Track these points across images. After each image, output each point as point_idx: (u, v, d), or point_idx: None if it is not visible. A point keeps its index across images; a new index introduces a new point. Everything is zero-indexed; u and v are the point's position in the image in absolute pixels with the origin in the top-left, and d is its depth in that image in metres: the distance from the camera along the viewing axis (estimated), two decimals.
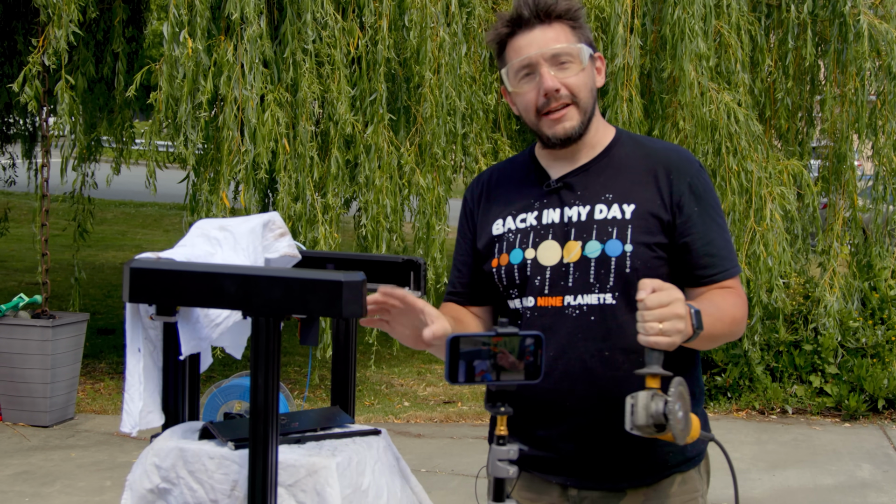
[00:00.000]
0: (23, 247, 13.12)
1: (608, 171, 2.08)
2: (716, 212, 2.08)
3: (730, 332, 2.00)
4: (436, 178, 6.37)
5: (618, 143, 2.13)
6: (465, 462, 5.82)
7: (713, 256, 2.03)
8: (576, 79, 2.04)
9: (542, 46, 2.03)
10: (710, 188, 2.10)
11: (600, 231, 2.02)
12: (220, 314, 1.80)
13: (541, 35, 2.04)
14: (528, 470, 2.11)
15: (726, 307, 1.99)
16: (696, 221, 2.03)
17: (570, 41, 2.05)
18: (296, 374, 7.75)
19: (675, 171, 2.06)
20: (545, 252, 2.06)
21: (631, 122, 6.49)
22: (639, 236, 2.00)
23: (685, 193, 2.04)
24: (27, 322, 6.23)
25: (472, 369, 1.60)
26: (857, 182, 7.55)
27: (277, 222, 1.98)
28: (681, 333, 1.77)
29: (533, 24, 2.05)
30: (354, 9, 6.24)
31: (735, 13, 6.83)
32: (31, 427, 6.29)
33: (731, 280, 2.05)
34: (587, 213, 2.04)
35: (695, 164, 2.11)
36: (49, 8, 5.59)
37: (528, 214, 2.11)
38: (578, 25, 2.08)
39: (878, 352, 7.11)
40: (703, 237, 2.03)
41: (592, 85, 2.09)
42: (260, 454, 1.63)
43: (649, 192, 2.04)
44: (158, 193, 6.05)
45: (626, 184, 2.06)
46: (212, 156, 6.09)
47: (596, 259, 2.00)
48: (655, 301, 1.76)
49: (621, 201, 2.03)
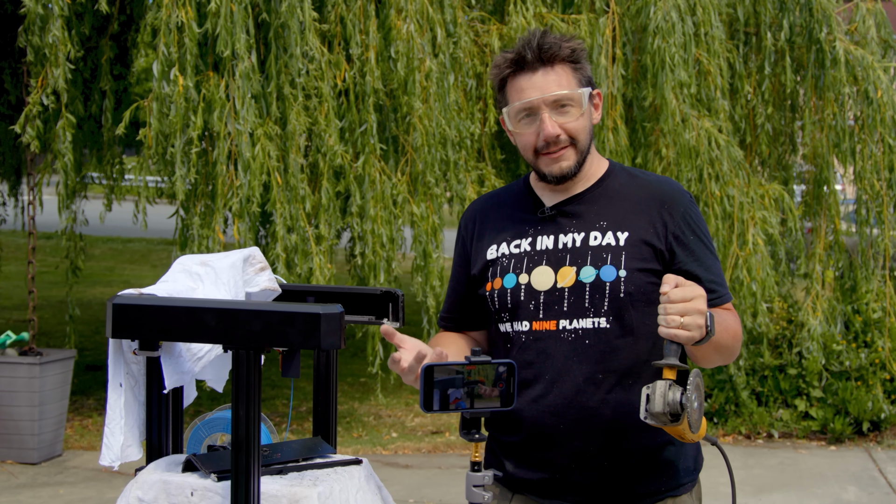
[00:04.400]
0: (10, 284, 13.09)
1: (602, 201, 2.15)
2: (709, 240, 2.16)
3: (731, 346, 2.06)
4: (429, 207, 6.42)
5: (611, 174, 2.19)
6: (454, 492, 5.83)
7: (712, 282, 2.09)
8: (575, 123, 2.09)
9: (543, 91, 2.07)
10: (701, 218, 2.18)
11: (595, 257, 2.07)
12: (202, 348, 1.84)
13: (542, 79, 2.08)
14: (522, 492, 2.15)
15: (730, 322, 2.06)
16: (694, 250, 2.11)
17: (571, 85, 2.09)
18: (283, 407, 7.75)
19: (670, 203, 2.12)
20: (539, 277, 2.10)
21: (617, 150, 6.56)
22: (632, 262, 2.06)
23: (680, 224, 2.11)
24: (14, 360, 6.23)
25: (446, 397, 1.64)
26: (839, 206, 7.62)
27: (258, 257, 2.02)
28: (700, 329, 1.84)
29: (535, 66, 2.09)
30: (340, 42, 6.31)
31: (714, 41, 6.93)
32: (18, 464, 6.27)
33: (729, 303, 2.15)
34: (581, 239, 2.10)
35: (686, 195, 2.18)
36: (45, 48, 5.64)
37: (522, 240, 2.16)
38: (580, 66, 2.13)
39: (862, 374, 7.16)
40: (703, 264, 2.11)
41: (590, 125, 2.14)
42: (242, 485, 1.66)
43: (643, 221, 2.10)
44: (147, 229, 6.08)
45: (620, 212, 2.12)
46: (201, 190, 6.13)
47: (591, 284, 2.06)
48: (679, 295, 1.83)
49: (615, 229, 2.09)
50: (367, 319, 2.13)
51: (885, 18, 7.87)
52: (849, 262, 7.62)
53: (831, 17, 7.14)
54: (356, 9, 6.22)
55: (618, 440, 2.05)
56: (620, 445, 2.06)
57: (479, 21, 7.20)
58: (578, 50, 2.12)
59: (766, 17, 7.36)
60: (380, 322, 2.11)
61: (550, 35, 2.11)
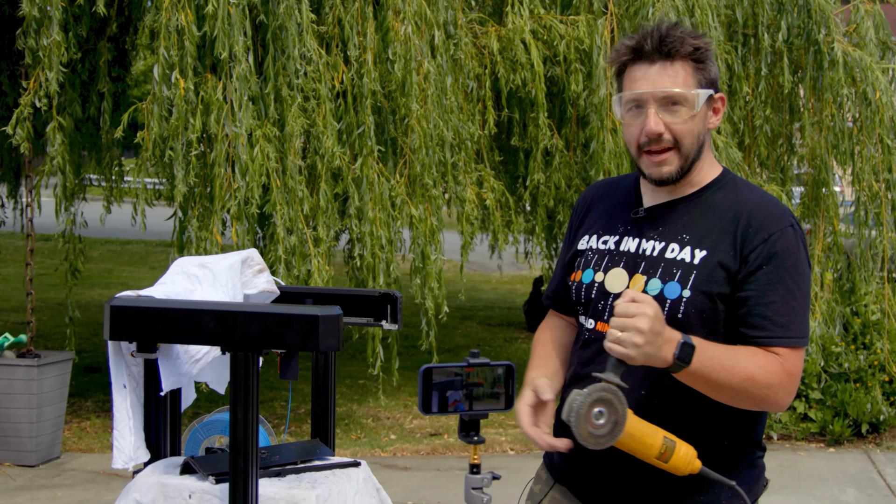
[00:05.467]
0: (8, 286, 13.09)
1: (694, 212, 2.04)
2: (789, 275, 1.95)
3: (741, 388, 1.89)
4: (428, 209, 6.42)
5: (717, 184, 2.07)
6: (452, 494, 5.82)
7: (766, 319, 1.93)
8: (682, 125, 1.98)
9: (655, 85, 1.97)
10: (794, 251, 1.98)
11: (665, 271, 1.99)
12: (200, 350, 1.84)
13: (658, 72, 1.98)
14: (563, 483, 2.15)
15: (746, 362, 1.89)
16: (759, 278, 1.94)
17: (687, 84, 1.98)
18: (281, 409, 7.74)
19: (758, 224, 1.97)
20: (613, 279, 2.05)
21: (617, 152, 6.55)
22: (700, 284, 1.95)
23: (758, 248, 1.95)
24: (12, 362, 6.22)
25: (444, 399, 1.64)
26: (837, 208, 7.62)
27: (256, 259, 2.02)
28: (639, 350, 1.75)
29: (654, 58, 1.99)
30: (338, 43, 6.31)
31: (712, 42, 6.92)
32: (16, 467, 6.25)
33: (780, 349, 1.93)
34: (661, 249, 2.02)
35: (785, 221, 2.00)
36: (40, 50, 5.64)
37: (610, 237, 2.11)
38: (703, 66, 2.01)
39: (861, 377, 7.16)
40: (762, 296, 1.94)
41: (701, 130, 2.02)
42: (240, 488, 1.65)
43: (726, 242, 1.98)
44: (145, 231, 6.08)
45: (706, 228, 2.01)
46: (200, 192, 6.13)
47: (654, 297, 1.92)
48: (623, 309, 1.77)
49: (695, 245, 1.99)
50: (365, 321, 2.13)
51: (883, 20, 7.88)
52: (847, 263, 7.62)
53: (830, 18, 7.14)
54: (354, 10, 6.22)
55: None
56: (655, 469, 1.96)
57: (477, 23, 7.20)
58: (704, 49, 2.01)
59: (764, 18, 7.36)
60: (378, 324, 2.11)
61: (679, 28, 2.01)
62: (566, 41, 6.92)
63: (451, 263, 7.34)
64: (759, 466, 2.11)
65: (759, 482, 2.11)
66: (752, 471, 2.08)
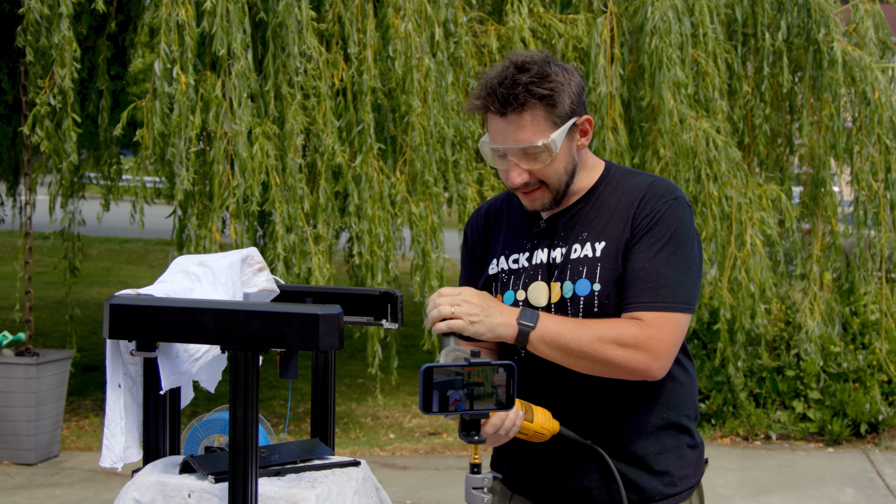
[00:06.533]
0: (7, 284, 13.05)
1: (589, 211, 2.08)
2: (666, 244, 1.99)
3: (593, 350, 1.92)
4: (428, 207, 6.41)
5: (603, 181, 2.11)
6: (451, 493, 5.82)
7: (633, 286, 1.97)
8: (545, 169, 2.00)
9: (508, 140, 1.98)
10: (675, 220, 2.01)
11: (573, 271, 2.03)
12: (200, 349, 1.83)
13: (511, 125, 1.97)
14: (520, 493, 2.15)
15: (596, 325, 1.94)
16: (637, 249, 1.99)
17: (541, 132, 1.97)
18: (281, 408, 7.74)
19: (645, 200, 2.02)
20: (535, 293, 2.07)
21: (618, 150, 6.55)
22: (607, 274, 2.00)
23: (641, 222, 2.00)
24: (10, 360, 6.21)
25: (445, 399, 1.63)
26: (836, 207, 7.62)
27: (256, 257, 2.01)
28: (480, 320, 1.87)
29: (504, 111, 1.98)
30: (338, 41, 6.30)
31: (711, 42, 6.93)
32: (15, 465, 6.25)
33: (643, 313, 1.95)
34: (565, 252, 2.06)
35: (668, 195, 2.04)
36: (52, 48, 5.62)
37: (520, 255, 2.13)
38: (555, 105, 1.98)
39: (860, 376, 7.16)
40: (633, 264, 1.98)
41: (567, 161, 2.04)
42: (240, 487, 1.65)
43: (620, 227, 2.02)
44: (143, 229, 6.07)
45: (603, 222, 2.05)
46: (199, 190, 6.12)
47: (570, 299, 2.02)
48: (445, 292, 1.89)
49: (595, 240, 2.04)
50: (365, 320, 2.12)
51: (883, 20, 7.88)
52: (846, 263, 7.61)
53: (829, 18, 7.14)
54: (354, 7, 6.21)
55: (610, 448, 2.04)
56: (612, 454, 2.04)
57: (477, 21, 7.19)
58: (552, 91, 1.96)
59: (763, 17, 7.36)
60: (378, 323, 2.10)
61: (526, 72, 1.97)
62: (565, 40, 6.91)
63: (451, 262, 7.33)
64: (697, 444, 2.17)
65: (692, 461, 2.15)
66: (685, 450, 2.13)
